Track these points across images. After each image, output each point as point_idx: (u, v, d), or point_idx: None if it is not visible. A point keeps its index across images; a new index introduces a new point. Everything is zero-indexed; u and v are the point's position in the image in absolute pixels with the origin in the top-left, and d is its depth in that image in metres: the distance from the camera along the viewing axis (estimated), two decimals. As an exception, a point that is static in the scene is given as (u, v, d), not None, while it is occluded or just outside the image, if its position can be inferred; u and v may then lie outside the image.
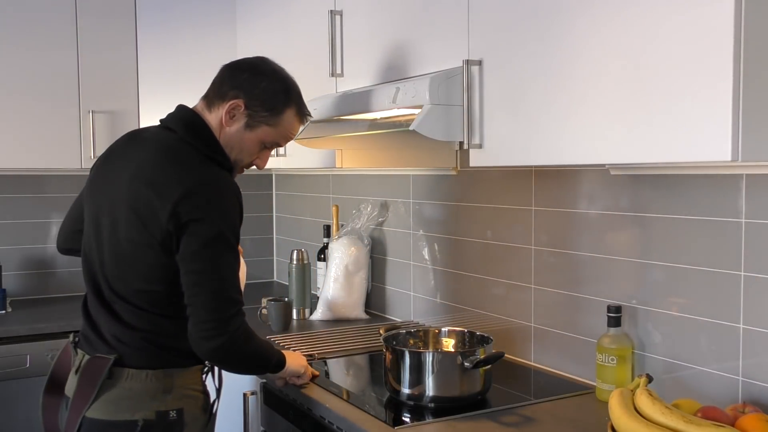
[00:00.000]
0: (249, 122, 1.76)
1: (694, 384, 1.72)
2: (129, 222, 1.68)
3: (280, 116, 1.79)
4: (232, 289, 1.66)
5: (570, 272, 2.05)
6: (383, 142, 2.42)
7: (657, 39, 1.35)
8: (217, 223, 1.63)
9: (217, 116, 1.77)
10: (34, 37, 2.97)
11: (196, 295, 1.64)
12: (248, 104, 1.75)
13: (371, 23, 2.19)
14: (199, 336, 1.64)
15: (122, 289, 1.71)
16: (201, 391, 1.80)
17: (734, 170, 1.61)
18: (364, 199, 2.95)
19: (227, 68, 1.81)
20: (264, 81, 1.77)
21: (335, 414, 1.79)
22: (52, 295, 3.39)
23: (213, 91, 1.80)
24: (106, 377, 1.68)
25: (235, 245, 1.68)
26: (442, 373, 1.78)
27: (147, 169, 1.69)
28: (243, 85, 1.76)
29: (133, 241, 1.68)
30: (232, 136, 1.77)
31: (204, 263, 1.63)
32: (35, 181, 3.35)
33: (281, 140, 1.84)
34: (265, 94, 1.76)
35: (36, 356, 2.74)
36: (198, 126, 1.76)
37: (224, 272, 1.65)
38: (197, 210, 1.62)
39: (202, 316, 1.63)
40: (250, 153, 1.81)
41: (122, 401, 1.68)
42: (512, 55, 1.67)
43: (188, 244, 1.63)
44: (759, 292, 1.59)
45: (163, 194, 1.63)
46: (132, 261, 1.69)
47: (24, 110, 2.97)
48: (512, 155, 1.70)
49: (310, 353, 2.30)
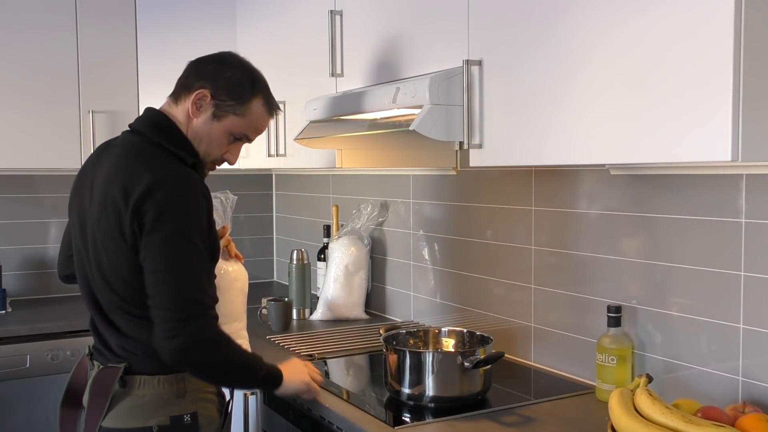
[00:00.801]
0: (216, 112, 1.74)
1: (694, 384, 1.72)
2: (103, 231, 1.66)
3: (247, 106, 1.76)
4: (194, 289, 1.60)
5: (570, 272, 2.05)
6: (383, 142, 2.42)
7: (657, 39, 1.35)
8: (177, 221, 1.59)
9: (183, 109, 1.75)
10: (34, 38, 2.97)
11: (155, 296, 1.60)
12: (214, 93, 1.73)
13: (371, 23, 2.19)
14: (159, 338, 1.59)
15: (115, 300, 1.69)
16: (215, 393, 1.78)
17: (734, 170, 1.61)
18: (364, 199, 2.95)
19: (193, 63, 1.81)
20: (230, 71, 1.76)
21: (335, 414, 1.79)
22: (52, 295, 3.38)
23: (179, 86, 1.79)
24: (120, 386, 1.67)
25: (200, 243, 1.62)
26: (442, 373, 1.78)
27: (113, 175, 1.67)
28: (209, 76, 1.75)
29: (111, 249, 1.65)
30: (200, 128, 1.74)
31: (162, 262, 1.59)
32: (35, 181, 3.35)
33: (250, 132, 1.80)
34: (231, 83, 1.74)
35: (36, 356, 2.74)
36: (162, 123, 1.75)
37: (184, 271, 1.59)
38: (156, 207, 1.58)
39: (161, 316, 1.59)
40: (219, 145, 1.77)
41: (136, 409, 1.67)
42: (512, 55, 1.67)
43: (147, 243, 1.59)
44: (759, 292, 1.59)
45: (126, 195, 1.61)
46: (115, 270, 1.66)
47: (24, 110, 2.96)
48: (512, 155, 1.70)
49: (310, 353, 2.30)
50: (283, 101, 2.69)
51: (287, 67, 2.71)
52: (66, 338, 2.79)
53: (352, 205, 3.01)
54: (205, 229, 1.64)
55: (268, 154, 2.81)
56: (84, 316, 3.05)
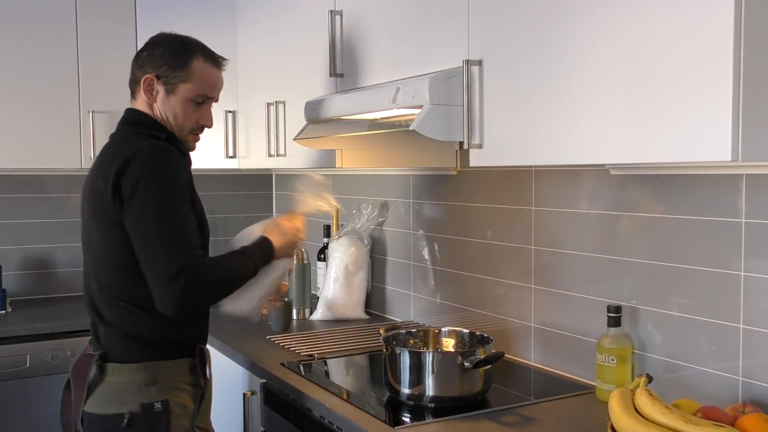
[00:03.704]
0: (167, 88, 1.84)
1: (694, 384, 1.72)
2: (90, 214, 1.79)
3: (189, 69, 1.84)
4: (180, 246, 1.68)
5: (570, 272, 2.05)
6: (383, 142, 2.42)
7: (657, 39, 1.35)
8: (154, 183, 1.69)
9: (142, 100, 1.86)
10: (34, 38, 2.97)
11: (144, 260, 1.70)
12: (158, 74, 1.83)
13: (371, 23, 2.19)
14: (157, 300, 1.69)
15: (103, 283, 1.79)
16: (188, 383, 1.83)
17: (734, 170, 1.61)
18: (364, 199, 2.95)
19: (133, 60, 1.90)
20: (160, 48, 1.85)
21: (335, 414, 1.79)
22: (52, 295, 3.38)
23: (130, 84, 1.91)
24: (98, 373, 1.76)
25: (179, 203, 1.71)
26: (442, 373, 1.78)
27: (95, 168, 1.81)
28: (146, 62, 1.85)
29: (96, 229, 1.77)
30: (162, 108, 1.85)
31: (145, 224, 1.68)
32: (35, 181, 3.35)
33: (207, 90, 1.88)
34: (167, 57, 1.83)
35: (36, 356, 2.74)
36: (134, 116, 1.87)
37: (168, 230, 1.68)
38: (133, 176, 1.68)
39: (152, 277, 1.69)
40: (186, 115, 1.86)
41: (110, 395, 1.76)
42: (512, 55, 1.67)
43: (129, 211, 1.69)
44: (759, 292, 1.59)
45: (105, 176, 1.72)
46: (101, 251, 1.79)
47: (24, 110, 2.97)
48: (512, 155, 1.70)
49: (310, 353, 2.30)
50: (283, 101, 2.69)
51: (287, 67, 2.71)
52: (66, 338, 2.79)
53: (352, 205, 3.01)
54: (185, 190, 1.74)
55: (268, 154, 2.81)
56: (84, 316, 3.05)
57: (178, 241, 1.69)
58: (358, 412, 1.77)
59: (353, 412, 1.77)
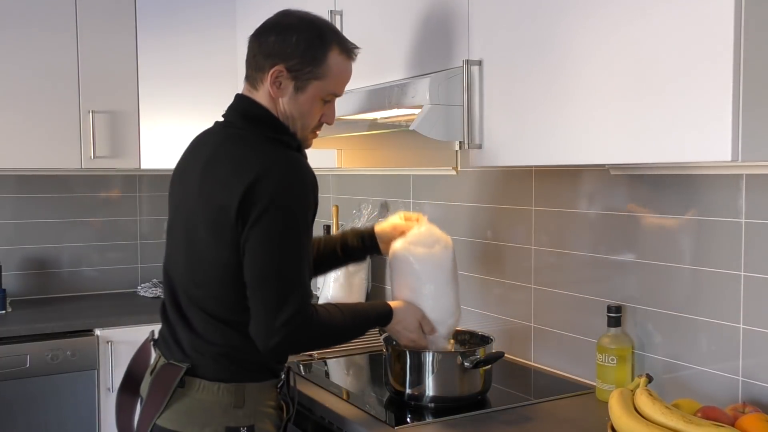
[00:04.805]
0: (297, 84, 1.62)
1: (694, 384, 1.72)
2: (204, 225, 1.59)
3: (325, 64, 1.63)
4: (295, 287, 1.53)
5: (570, 272, 2.05)
6: (383, 142, 2.43)
7: (657, 39, 1.35)
8: (284, 215, 1.51)
9: (264, 92, 1.64)
10: (34, 37, 2.97)
11: (255, 290, 1.54)
12: (288, 67, 1.61)
13: (371, 23, 2.19)
14: (256, 333, 1.55)
15: (197, 295, 1.63)
16: (274, 407, 1.67)
17: (734, 170, 1.61)
18: (364, 199, 2.95)
19: (253, 39, 1.67)
20: (293, 35, 1.61)
21: (335, 414, 1.79)
22: (52, 295, 3.38)
23: (250, 69, 1.67)
24: (178, 386, 1.60)
25: (303, 240, 1.55)
26: (442, 373, 1.78)
27: (215, 167, 1.60)
28: (275, 50, 1.62)
29: (208, 243, 1.58)
30: (288, 106, 1.64)
31: (262, 261, 1.52)
32: (35, 181, 3.35)
33: (338, 88, 1.69)
34: (300, 48, 1.61)
35: (36, 356, 2.74)
36: (255, 111, 1.65)
37: (286, 270, 1.53)
38: (264, 197, 1.50)
39: (259, 312, 1.54)
40: (312, 114, 1.67)
41: (192, 413, 1.60)
42: (512, 55, 1.67)
43: (251, 236, 1.51)
44: (759, 292, 1.59)
45: (230, 191, 1.52)
46: (206, 264, 1.60)
47: (24, 110, 2.96)
48: (512, 155, 1.70)
49: (310, 353, 2.30)
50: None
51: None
52: (66, 338, 2.79)
53: (352, 205, 3.01)
54: (309, 221, 1.58)
55: (268, 154, 2.80)
56: (84, 316, 3.06)
57: (293, 280, 1.53)
58: (358, 412, 1.77)
59: (353, 412, 1.77)
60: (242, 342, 1.59)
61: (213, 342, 1.61)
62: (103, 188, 3.49)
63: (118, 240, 3.53)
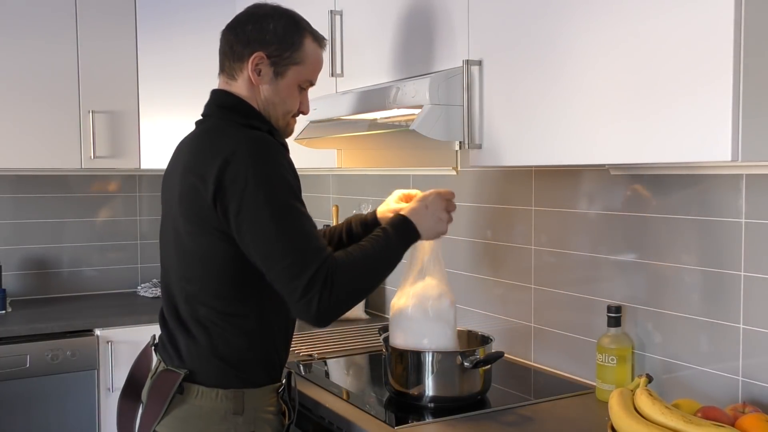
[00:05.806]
0: (276, 70, 1.66)
1: (694, 384, 1.72)
2: (185, 218, 1.59)
3: (301, 49, 1.67)
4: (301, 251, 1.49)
5: (570, 272, 2.05)
6: (383, 142, 2.42)
7: (657, 39, 1.35)
8: (263, 188, 1.50)
9: (243, 82, 1.66)
10: (34, 37, 2.97)
11: (270, 270, 1.51)
12: (268, 53, 1.64)
13: (371, 23, 2.19)
14: (296, 310, 1.52)
15: (191, 291, 1.62)
16: (274, 413, 1.66)
17: (734, 170, 1.61)
18: (364, 199, 2.95)
19: (228, 31, 1.70)
20: (269, 22, 1.66)
21: (335, 414, 1.79)
22: (52, 295, 3.39)
23: (227, 60, 1.69)
24: (177, 392, 1.59)
25: (294, 203, 1.53)
26: (442, 373, 1.78)
27: (190, 160, 1.61)
28: (254, 37, 1.65)
29: (192, 235, 1.59)
30: (268, 92, 1.66)
31: (265, 240, 1.50)
32: (35, 181, 3.35)
33: (313, 75, 1.73)
34: (278, 35, 1.65)
35: (36, 356, 2.74)
36: (228, 100, 1.67)
37: (287, 237, 1.50)
38: (238, 183, 1.50)
39: (285, 289, 1.51)
40: (291, 100, 1.70)
41: (191, 419, 1.59)
42: (512, 55, 1.67)
43: (241, 222, 1.51)
44: (759, 292, 1.59)
45: (203, 178, 1.53)
46: (194, 257, 1.60)
47: (24, 110, 2.97)
48: (512, 155, 1.70)
49: (310, 353, 2.30)
50: (283, 101, 2.69)
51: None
52: (66, 338, 2.79)
53: (352, 205, 3.00)
54: (294, 186, 1.57)
55: (268, 154, 2.80)
56: (84, 316, 3.06)
57: (300, 243, 1.50)
58: (358, 412, 1.78)
59: (353, 412, 1.78)
60: (240, 341, 1.60)
61: (211, 346, 1.60)
62: (103, 188, 3.50)
63: (118, 240, 3.53)
